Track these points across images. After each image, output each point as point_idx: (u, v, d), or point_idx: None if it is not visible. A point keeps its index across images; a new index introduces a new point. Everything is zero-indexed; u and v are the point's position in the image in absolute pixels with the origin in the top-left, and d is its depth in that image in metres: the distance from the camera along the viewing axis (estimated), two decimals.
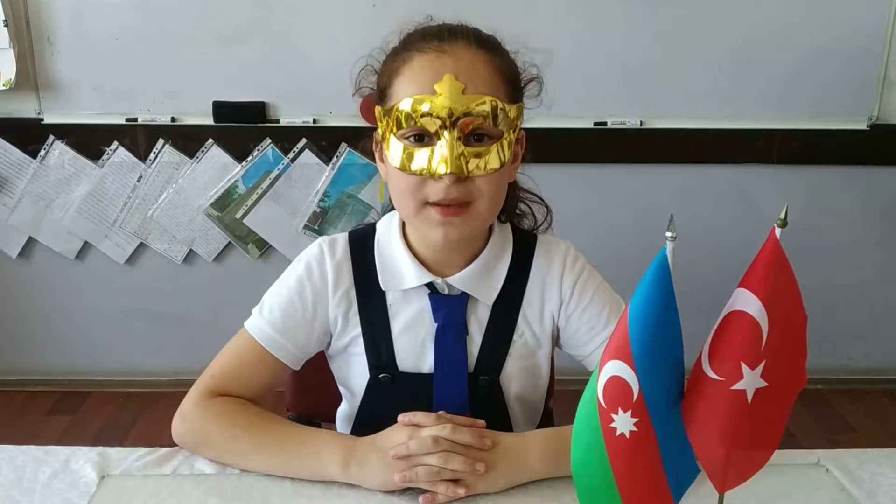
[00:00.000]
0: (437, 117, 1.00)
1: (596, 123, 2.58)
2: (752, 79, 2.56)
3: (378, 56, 1.12)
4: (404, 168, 1.04)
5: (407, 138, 1.04)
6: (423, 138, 1.03)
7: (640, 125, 2.59)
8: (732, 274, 0.74)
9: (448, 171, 1.01)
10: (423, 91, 1.01)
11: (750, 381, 0.71)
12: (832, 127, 2.61)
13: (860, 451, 1.12)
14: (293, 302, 1.15)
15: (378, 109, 1.08)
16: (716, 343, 0.73)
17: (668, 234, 0.70)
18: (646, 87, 2.57)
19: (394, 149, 1.05)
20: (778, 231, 0.68)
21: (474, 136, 1.03)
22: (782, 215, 0.68)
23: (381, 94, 1.09)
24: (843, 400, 2.81)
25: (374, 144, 1.15)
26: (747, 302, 0.70)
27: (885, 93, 2.60)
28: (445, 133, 1.01)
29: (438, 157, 1.01)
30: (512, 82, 1.09)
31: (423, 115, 1.01)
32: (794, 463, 1.09)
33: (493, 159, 1.04)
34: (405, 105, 1.02)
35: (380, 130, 1.09)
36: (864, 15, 2.53)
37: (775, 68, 2.56)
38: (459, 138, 1.01)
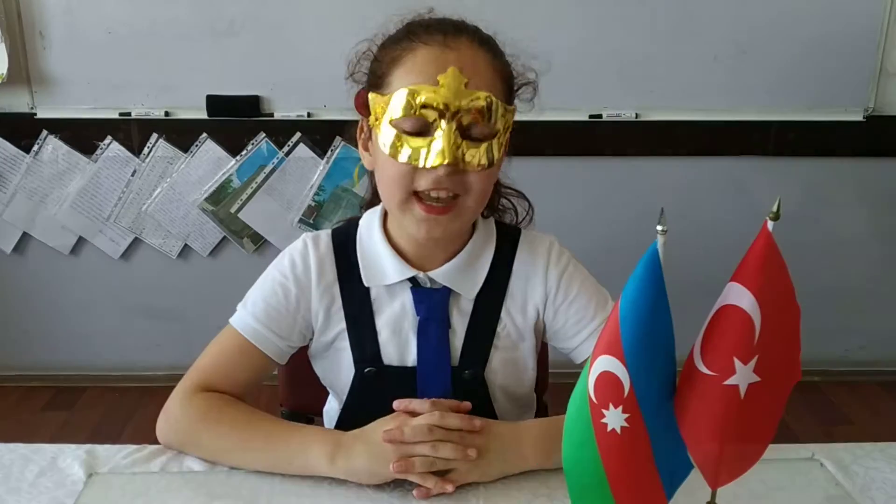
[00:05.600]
0: (436, 108, 1.00)
1: (591, 116, 2.58)
2: (747, 70, 2.55)
3: (378, 41, 1.11)
4: (395, 155, 1.03)
5: (402, 127, 1.03)
6: (417, 128, 1.02)
7: (636, 117, 2.59)
8: (726, 267, 0.74)
9: (445, 162, 1.00)
10: (426, 81, 1.01)
11: (742, 376, 0.71)
12: (828, 118, 2.61)
13: (854, 445, 1.11)
14: (276, 294, 1.15)
15: (372, 96, 1.06)
16: (708, 338, 0.72)
17: (659, 227, 0.69)
18: (641, 78, 2.56)
19: (386, 135, 1.04)
20: (770, 224, 0.67)
21: (469, 131, 1.03)
22: (774, 208, 0.67)
23: (377, 81, 1.08)
24: (839, 391, 2.81)
25: (358, 132, 1.14)
26: (739, 296, 0.70)
27: (881, 84, 2.60)
28: (443, 123, 1.00)
29: (435, 149, 1.01)
30: (508, 85, 1.09)
31: (423, 106, 1.00)
32: (787, 457, 1.09)
33: (485, 156, 1.03)
34: (406, 93, 1.01)
35: (372, 117, 1.07)
36: (861, 5, 2.52)
37: (771, 59, 2.55)
38: (457, 129, 1.01)
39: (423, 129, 1.02)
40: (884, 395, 2.84)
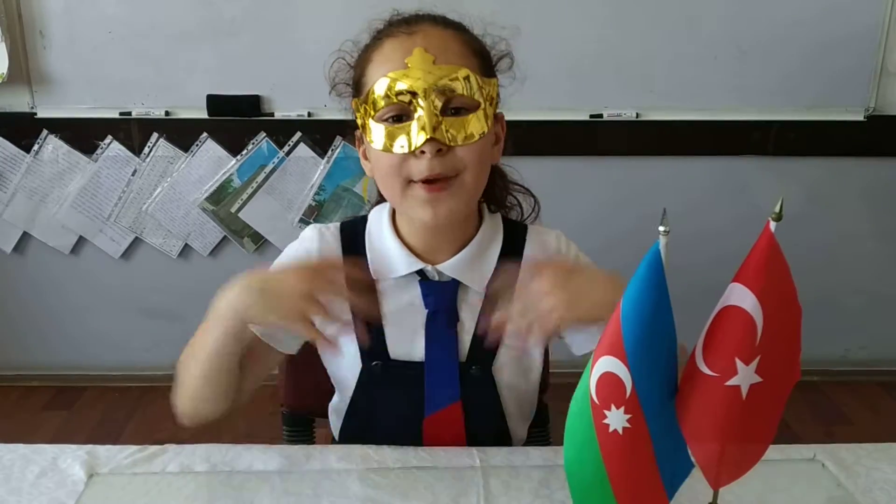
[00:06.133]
0: (411, 91, 1.02)
1: (592, 115, 2.57)
2: (748, 70, 2.55)
3: (351, 52, 1.14)
4: (387, 148, 1.04)
5: (386, 120, 1.05)
6: (401, 118, 1.04)
7: (637, 117, 2.58)
8: (727, 268, 0.74)
9: (428, 137, 1.01)
10: (395, 67, 1.03)
11: (744, 376, 0.71)
12: (829, 118, 2.61)
13: (856, 446, 1.11)
14: None
15: (355, 101, 1.09)
16: (710, 338, 0.72)
17: (661, 228, 0.69)
18: (642, 78, 2.56)
19: (374, 132, 1.05)
20: (773, 225, 0.67)
21: (451, 108, 1.04)
22: (777, 209, 0.67)
23: (357, 87, 1.11)
24: (839, 392, 2.81)
25: (357, 143, 1.16)
26: (742, 297, 0.69)
27: (882, 83, 2.59)
28: (422, 102, 1.01)
29: (417, 127, 1.02)
30: (483, 57, 1.10)
31: (398, 93, 1.02)
32: (789, 458, 1.08)
33: (472, 127, 1.04)
34: (380, 85, 1.03)
35: (359, 120, 1.09)
36: (861, 5, 2.52)
37: (772, 59, 2.55)
38: (435, 107, 1.02)
39: (405, 115, 1.04)
40: (884, 396, 2.84)
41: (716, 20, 2.51)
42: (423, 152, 1.02)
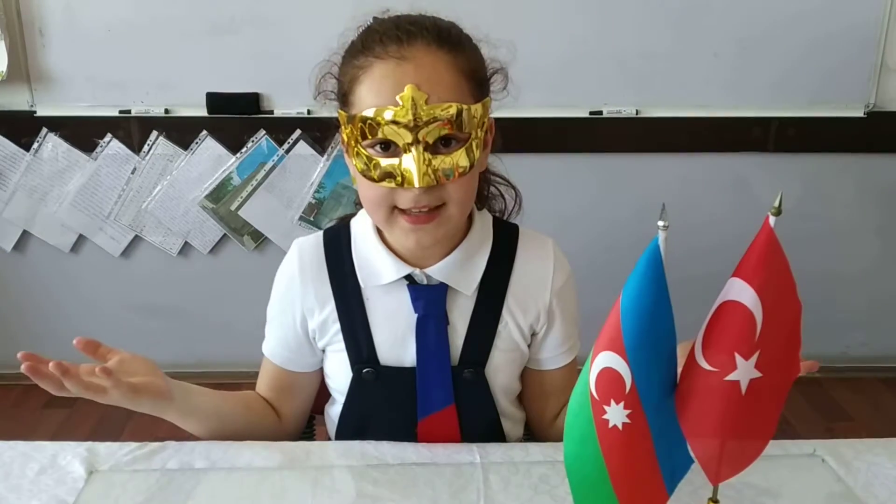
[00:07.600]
0: (403, 127, 0.97)
1: (591, 112, 2.57)
2: (748, 66, 2.55)
3: (339, 51, 1.08)
4: (370, 177, 1.01)
5: (373, 146, 1.01)
6: (388, 146, 1.00)
7: (636, 114, 2.58)
8: (727, 263, 0.73)
9: (418, 186, 0.98)
10: (385, 102, 0.98)
11: (744, 371, 0.71)
12: (829, 114, 2.60)
13: (856, 441, 1.11)
14: (284, 313, 1.18)
15: (342, 114, 1.04)
16: (709, 333, 0.72)
17: (661, 223, 0.68)
18: (642, 75, 2.56)
19: (361, 159, 1.02)
20: (772, 219, 0.67)
21: (441, 141, 1.00)
22: (776, 203, 0.67)
23: (342, 98, 1.06)
24: (840, 388, 2.81)
25: (341, 141, 1.12)
26: (741, 291, 0.69)
27: (882, 80, 2.59)
28: (412, 148, 0.98)
29: (408, 171, 0.99)
30: (476, 79, 1.04)
31: (387, 124, 0.98)
32: (789, 453, 1.08)
33: (462, 161, 1.01)
34: (367, 118, 0.99)
35: (344, 136, 1.05)
36: (861, 1, 2.51)
37: (772, 55, 2.54)
38: (426, 148, 0.99)
39: (394, 148, 1.00)
40: (885, 392, 2.84)
41: (715, 16, 2.51)
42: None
